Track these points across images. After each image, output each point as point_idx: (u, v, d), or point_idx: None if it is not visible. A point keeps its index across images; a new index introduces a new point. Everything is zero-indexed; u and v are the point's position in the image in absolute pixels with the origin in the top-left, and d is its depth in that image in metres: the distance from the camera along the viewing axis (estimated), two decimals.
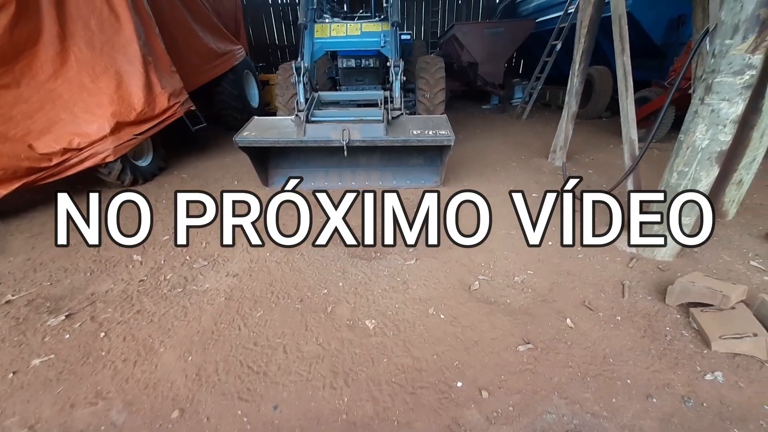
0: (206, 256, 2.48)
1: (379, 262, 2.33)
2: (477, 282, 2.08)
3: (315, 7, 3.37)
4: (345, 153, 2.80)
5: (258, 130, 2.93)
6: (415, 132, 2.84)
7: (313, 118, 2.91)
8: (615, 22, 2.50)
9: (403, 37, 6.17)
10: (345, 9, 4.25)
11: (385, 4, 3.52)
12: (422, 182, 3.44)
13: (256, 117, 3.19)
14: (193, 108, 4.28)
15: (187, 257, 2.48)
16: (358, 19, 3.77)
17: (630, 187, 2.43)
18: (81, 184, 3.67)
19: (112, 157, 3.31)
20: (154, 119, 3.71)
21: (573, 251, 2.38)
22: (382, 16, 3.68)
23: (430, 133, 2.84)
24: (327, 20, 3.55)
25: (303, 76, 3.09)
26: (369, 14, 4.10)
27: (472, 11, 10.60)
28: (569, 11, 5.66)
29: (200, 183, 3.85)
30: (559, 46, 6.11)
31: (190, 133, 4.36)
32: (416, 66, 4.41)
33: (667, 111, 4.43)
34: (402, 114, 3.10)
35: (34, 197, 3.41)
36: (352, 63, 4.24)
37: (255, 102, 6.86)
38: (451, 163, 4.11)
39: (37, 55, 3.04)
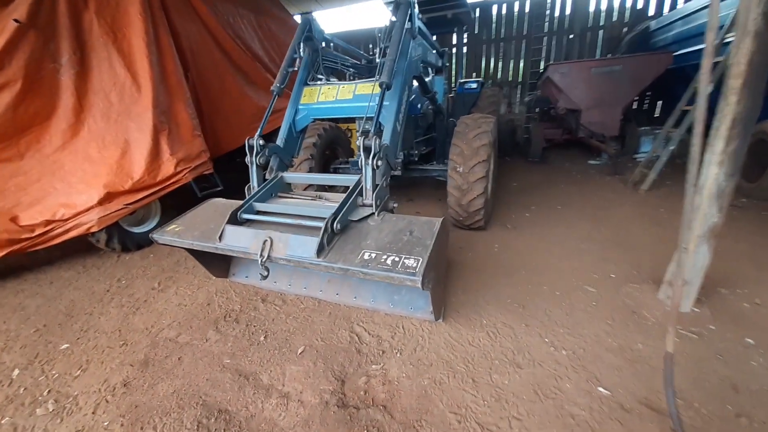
0: (63, 396, 1.87)
1: None
2: None
3: (295, 69, 2.70)
4: (261, 275, 1.90)
5: (188, 224, 2.31)
6: (368, 255, 1.76)
7: (244, 215, 2.13)
8: None
9: (468, 85, 5.12)
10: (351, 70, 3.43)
11: (378, 60, 2.63)
12: (410, 309, 2.25)
13: (211, 200, 2.61)
14: (207, 172, 4.09)
15: (47, 390, 1.92)
16: (353, 79, 2.95)
17: None
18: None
19: (96, 227, 3.19)
20: (154, 187, 3.56)
21: None
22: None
23: (390, 260, 1.70)
24: (320, 83, 2.83)
25: (257, 156, 2.38)
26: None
27: (588, 46, 8.67)
28: (727, 40, 3.65)
29: (184, 253, 3.49)
30: (710, 88, 4.04)
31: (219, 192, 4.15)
32: (455, 128, 3.29)
33: None
34: (373, 214, 2.04)
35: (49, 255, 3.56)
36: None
37: None
38: (485, 266, 2.77)
39: (48, 129, 3.17)
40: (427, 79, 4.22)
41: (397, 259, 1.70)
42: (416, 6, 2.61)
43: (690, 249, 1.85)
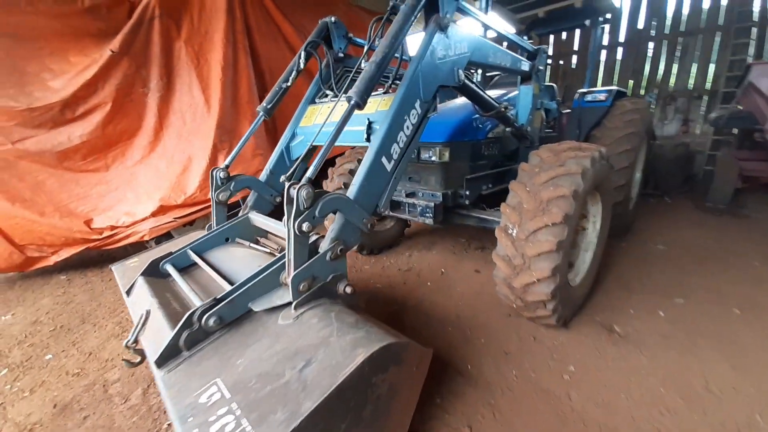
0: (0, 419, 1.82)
1: None
2: None
3: (288, 84, 2.13)
4: (127, 361, 1.39)
5: (148, 260, 2.04)
6: (208, 395, 1.01)
7: (168, 266, 1.68)
8: None
9: (592, 97, 3.63)
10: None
11: (364, 64, 1.78)
12: None
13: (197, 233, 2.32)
14: None
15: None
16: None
17: None
18: None
19: (147, 237, 3.45)
20: (204, 203, 3.66)
21: None
22: (384, 90, 1.87)
23: (218, 425, 0.91)
24: (325, 100, 2.21)
25: (217, 192, 1.93)
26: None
27: None
28: None
29: None
30: None
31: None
32: (520, 165, 2.14)
33: None
34: (290, 305, 1.27)
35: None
36: None
37: None
38: (532, 427, 1.61)
39: (132, 145, 3.60)
40: (511, 94, 3.09)
41: (231, 427, 0.90)
42: None
43: None
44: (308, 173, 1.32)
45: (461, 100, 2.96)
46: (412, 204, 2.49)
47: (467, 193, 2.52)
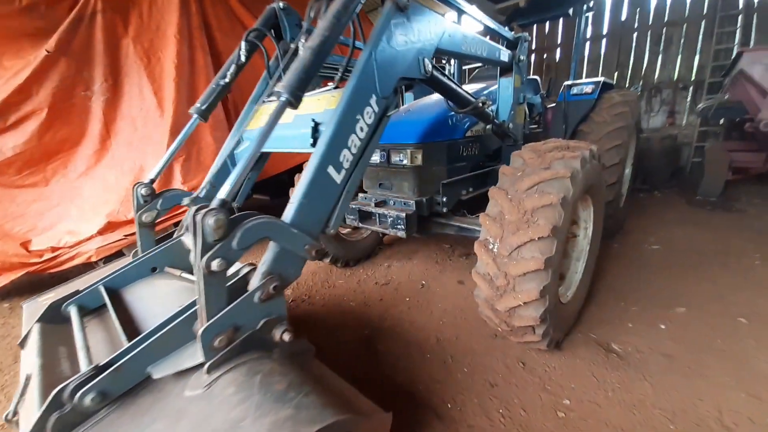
0: None
1: None
2: None
3: (228, 81, 1.84)
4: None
5: (61, 294, 1.71)
6: None
7: (71, 309, 1.36)
8: None
9: (578, 90, 3.39)
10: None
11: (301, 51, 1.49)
12: None
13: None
14: None
15: None
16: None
17: None
18: None
19: (94, 257, 3.08)
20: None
21: None
22: (335, 84, 1.59)
23: None
24: (274, 99, 1.91)
25: (140, 212, 1.63)
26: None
27: None
28: None
29: None
30: None
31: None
32: (500, 170, 1.88)
33: None
34: (201, 366, 0.98)
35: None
36: (378, 157, 2.29)
37: None
38: None
39: (75, 155, 3.23)
40: (491, 88, 2.83)
41: None
42: None
43: None
44: (221, 193, 1.02)
45: (436, 96, 2.68)
46: (382, 214, 2.20)
47: (444, 199, 2.24)
